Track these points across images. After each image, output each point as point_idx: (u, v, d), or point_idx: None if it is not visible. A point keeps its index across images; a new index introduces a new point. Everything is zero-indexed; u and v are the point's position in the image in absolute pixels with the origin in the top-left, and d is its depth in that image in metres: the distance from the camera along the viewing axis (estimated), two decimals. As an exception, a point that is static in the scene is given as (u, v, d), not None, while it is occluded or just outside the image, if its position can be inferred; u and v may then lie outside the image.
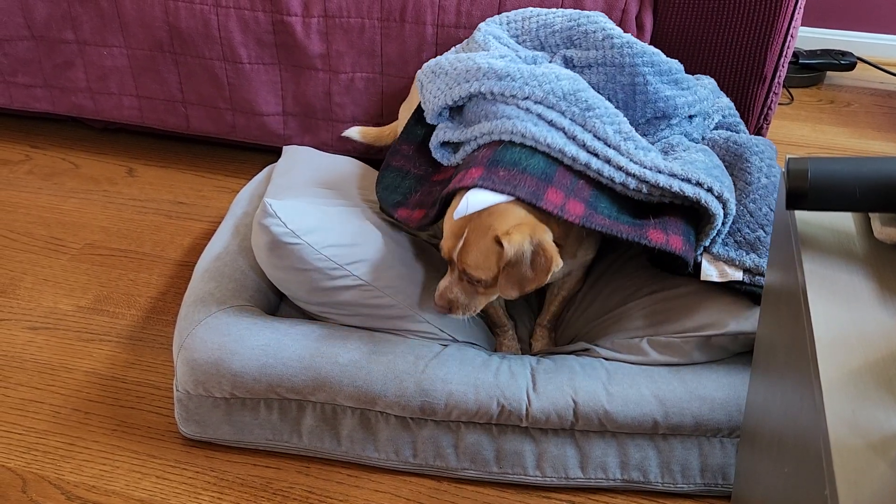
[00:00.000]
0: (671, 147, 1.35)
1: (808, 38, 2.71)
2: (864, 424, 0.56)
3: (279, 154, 1.72)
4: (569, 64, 1.40)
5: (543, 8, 1.57)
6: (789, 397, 0.71)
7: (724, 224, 1.20)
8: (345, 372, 1.19)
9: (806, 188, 0.71)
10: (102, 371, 1.41)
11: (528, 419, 1.17)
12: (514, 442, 1.20)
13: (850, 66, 2.54)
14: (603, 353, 1.26)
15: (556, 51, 1.45)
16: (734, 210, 1.19)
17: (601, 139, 1.21)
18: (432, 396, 1.18)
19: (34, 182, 1.97)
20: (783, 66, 1.66)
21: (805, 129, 2.30)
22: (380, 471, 1.24)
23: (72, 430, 1.29)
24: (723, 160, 1.36)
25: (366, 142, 1.75)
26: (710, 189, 1.17)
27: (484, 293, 1.20)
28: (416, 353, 1.22)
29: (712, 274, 1.19)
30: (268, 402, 1.23)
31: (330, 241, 1.21)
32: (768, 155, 1.34)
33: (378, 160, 1.55)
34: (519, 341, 1.39)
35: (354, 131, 1.74)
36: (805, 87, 2.55)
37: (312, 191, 1.43)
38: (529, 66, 1.32)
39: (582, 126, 1.23)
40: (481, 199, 1.14)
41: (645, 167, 1.19)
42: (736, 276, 1.18)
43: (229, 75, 1.83)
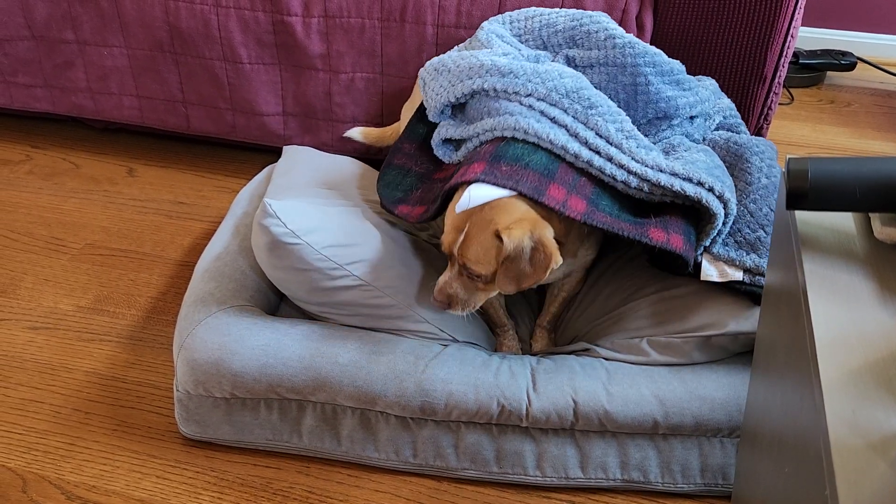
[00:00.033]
0: (672, 147, 1.35)
1: (809, 38, 2.70)
2: (864, 424, 0.56)
3: (279, 154, 1.72)
4: (571, 64, 1.40)
5: (545, 8, 1.57)
6: (789, 397, 0.71)
7: (724, 224, 1.20)
8: (345, 372, 1.19)
9: (806, 188, 0.71)
10: (103, 371, 1.41)
11: (528, 419, 1.17)
12: (515, 442, 1.20)
13: (851, 67, 2.54)
14: (603, 353, 1.26)
15: (559, 50, 1.45)
16: (735, 210, 1.19)
17: (603, 137, 1.21)
18: (432, 396, 1.18)
19: (34, 182, 1.98)
20: (783, 66, 1.66)
21: (805, 129, 2.30)
22: (380, 471, 1.24)
23: (72, 430, 1.29)
24: (723, 160, 1.36)
25: (367, 143, 1.73)
26: (712, 189, 1.17)
27: (484, 289, 1.20)
28: (416, 353, 1.22)
29: (712, 274, 1.19)
30: (268, 402, 1.23)
31: (330, 241, 1.21)
32: (769, 155, 1.34)
33: (378, 160, 1.55)
34: (519, 341, 1.39)
35: (356, 132, 1.73)
36: (805, 87, 2.55)
37: (313, 191, 1.43)
38: (532, 63, 1.32)
39: (584, 124, 1.23)
40: (484, 193, 1.13)
41: (646, 166, 1.19)
42: (736, 276, 1.18)
43: (229, 75, 1.83)
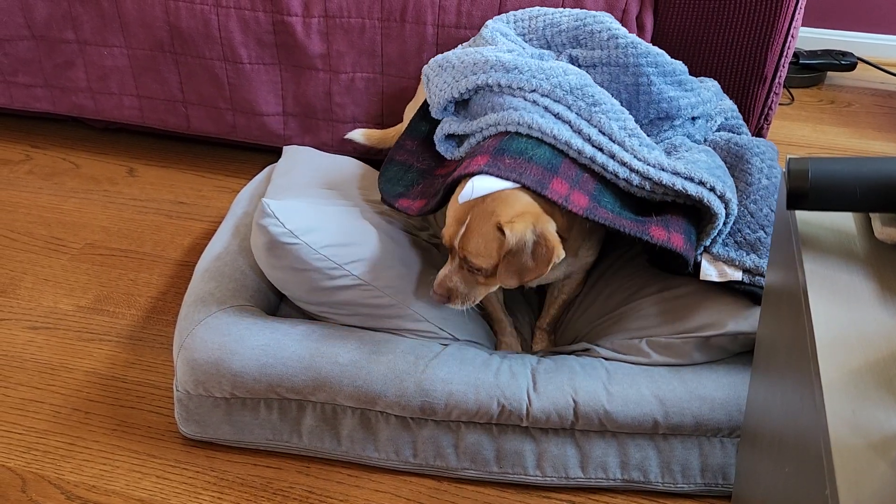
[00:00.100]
0: (674, 147, 1.35)
1: (809, 38, 2.70)
2: (865, 424, 0.56)
3: (279, 154, 1.72)
4: (574, 63, 1.40)
5: (549, 7, 1.57)
6: (790, 397, 0.71)
7: (725, 224, 1.20)
8: (345, 372, 1.19)
9: (807, 188, 0.71)
10: (102, 371, 1.41)
11: (528, 419, 1.17)
12: (515, 442, 1.20)
13: (851, 67, 2.54)
14: (603, 353, 1.26)
15: (562, 50, 1.45)
16: (736, 210, 1.19)
17: (606, 134, 1.21)
18: (432, 396, 1.18)
19: (34, 182, 1.97)
20: (784, 66, 1.66)
21: (806, 130, 2.30)
22: (380, 471, 1.24)
23: (72, 430, 1.29)
24: (724, 161, 1.36)
25: (369, 144, 1.71)
26: (713, 188, 1.17)
27: (484, 283, 1.19)
28: (416, 353, 1.22)
29: (712, 274, 1.19)
30: (268, 402, 1.22)
31: (328, 240, 1.21)
32: (769, 156, 1.34)
33: (378, 160, 1.55)
34: (519, 336, 1.38)
35: (358, 134, 1.71)
36: (806, 88, 2.55)
37: (313, 191, 1.42)
38: (537, 60, 1.32)
39: (588, 121, 1.23)
40: (487, 184, 1.13)
41: (648, 164, 1.19)
42: (735, 276, 1.18)
43: (230, 75, 1.83)
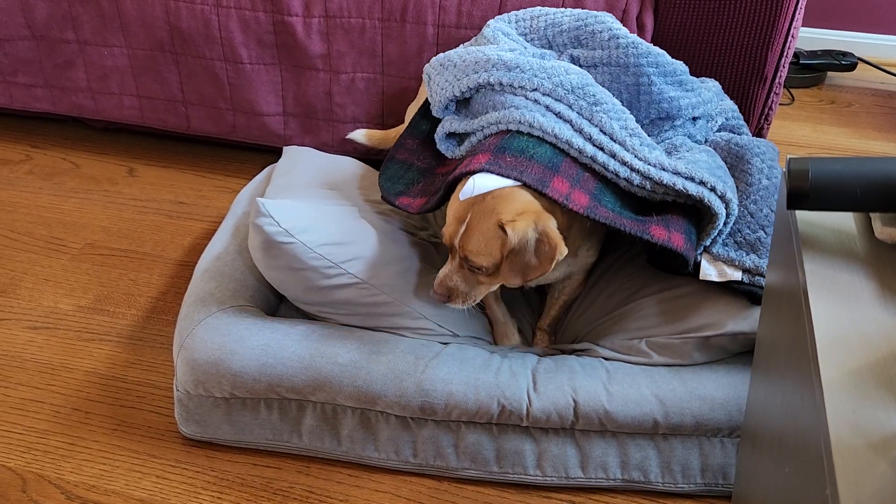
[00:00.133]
0: (675, 148, 1.35)
1: (809, 38, 2.70)
2: (865, 424, 0.56)
3: (279, 154, 1.72)
4: (575, 63, 1.40)
5: (550, 7, 1.56)
6: (790, 397, 0.71)
7: (725, 224, 1.20)
8: (345, 372, 1.19)
9: (807, 188, 0.71)
10: (103, 371, 1.41)
11: (528, 419, 1.17)
12: (515, 441, 1.20)
13: (851, 67, 2.54)
14: (603, 353, 1.26)
15: (564, 50, 1.45)
16: (736, 210, 1.19)
17: (607, 134, 1.21)
18: (432, 396, 1.18)
19: (34, 182, 1.97)
20: (784, 66, 1.66)
21: (806, 130, 2.30)
22: (380, 471, 1.24)
23: (72, 430, 1.29)
24: (724, 161, 1.36)
25: (371, 145, 1.71)
26: (714, 188, 1.17)
27: (485, 282, 1.19)
28: (416, 352, 1.22)
29: (711, 274, 1.19)
30: (268, 401, 1.22)
31: (324, 239, 1.21)
32: (770, 157, 1.34)
33: (379, 161, 1.55)
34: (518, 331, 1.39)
35: (359, 134, 1.70)
36: (806, 88, 2.55)
37: (312, 191, 1.42)
38: (538, 59, 1.33)
39: (589, 120, 1.23)
40: (488, 182, 1.13)
41: (649, 164, 1.19)
42: (735, 276, 1.18)
43: (230, 75, 1.83)
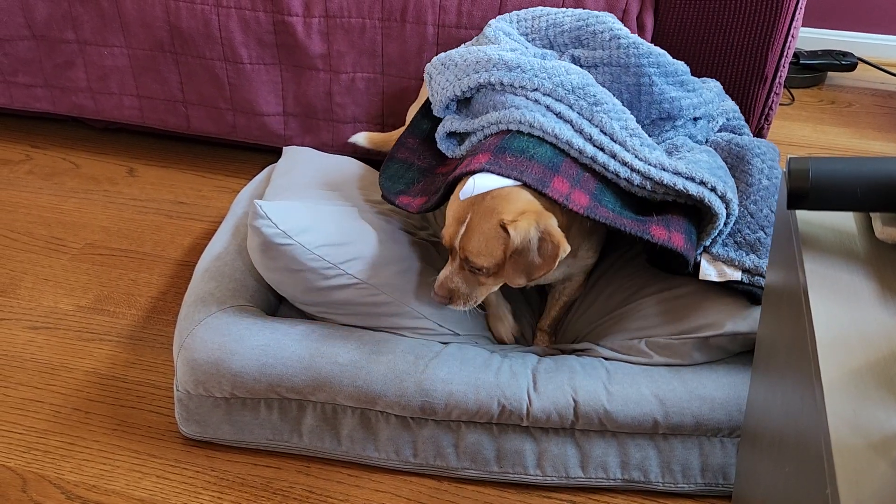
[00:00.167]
0: (675, 148, 1.35)
1: (809, 38, 2.70)
2: (865, 424, 0.56)
3: (279, 154, 1.72)
4: (576, 63, 1.40)
5: (551, 7, 1.56)
6: (790, 397, 0.71)
7: (726, 224, 1.20)
8: (345, 372, 1.19)
9: (807, 188, 0.71)
10: (103, 371, 1.41)
11: (528, 419, 1.17)
12: (515, 441, 1.20)
13: (851, 67, 2.54)
14: (603, 353, 1.26)
15: (565, 50, 1.45)
16: (737, 210, 1.19)
17: (608, 134, 1.21)
18: (432, 396, 1.18)
19: (34, 182, 1.97)
20: (784, 66, 1.66)
21: (806, 130, 2.30)
22: (380, 470, 1.24)
23: (72, 430, 1.29)
24: (725, 161, 1.36)
25: (372, 147, 1.69)
26: (714, 188, 1.17)
27: (486, 283, 1.18)
28: (416, 352, 1.22)
29: (711, 274, 1.19)
30: (268, 401, 1.22)
31: (322, 240, 1.21)
32: (770, 157, 1.34)
33: (379, 161, 1.55)
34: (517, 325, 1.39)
35: (361, 137, 1.69)
36: (806, 88, 2.55)
37: (312, 191, 1.42)
38: (539, 59, 1.33)
39: (589, 120, 1.23)
40: (488, 182, 1.13)
41: (650, 164, 1.19)
42: (735, 276, 1.18)
43: (230, 75, 1.83)
